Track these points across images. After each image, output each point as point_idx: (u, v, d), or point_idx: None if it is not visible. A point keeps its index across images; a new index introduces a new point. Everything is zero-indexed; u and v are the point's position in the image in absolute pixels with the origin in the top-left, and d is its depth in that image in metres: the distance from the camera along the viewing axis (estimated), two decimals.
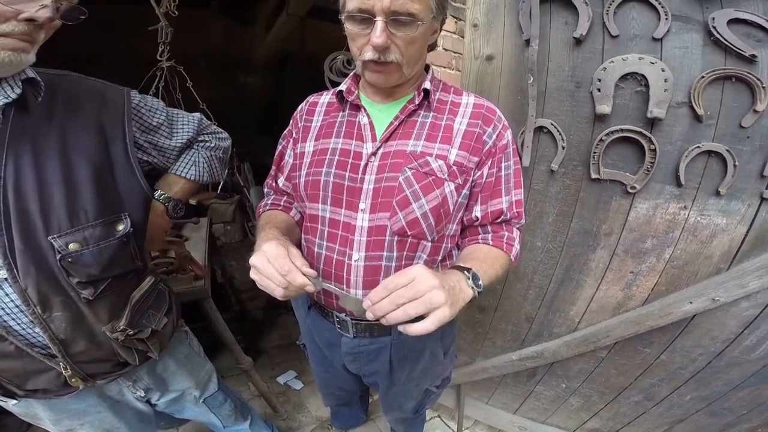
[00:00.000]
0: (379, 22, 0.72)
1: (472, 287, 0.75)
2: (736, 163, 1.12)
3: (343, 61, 1.61)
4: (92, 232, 0.76)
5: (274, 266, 0.69)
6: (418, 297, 0.64)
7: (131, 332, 0.85)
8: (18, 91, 0.68)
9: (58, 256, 0.72)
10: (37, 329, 0.75)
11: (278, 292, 0.70)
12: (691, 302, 1.24)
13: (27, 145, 0.70)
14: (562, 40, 1.27)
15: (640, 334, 1.36)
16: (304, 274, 0.70)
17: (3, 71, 0.64)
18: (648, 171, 1.20)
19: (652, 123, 1.17)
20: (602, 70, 1.20)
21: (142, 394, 0.99)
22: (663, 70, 1.14)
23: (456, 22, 1.54)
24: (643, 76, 1.16)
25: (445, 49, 1.50)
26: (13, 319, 0.74)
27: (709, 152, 1.14)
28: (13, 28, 0.61)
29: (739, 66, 1.10)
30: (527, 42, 1.27)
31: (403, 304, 0.63)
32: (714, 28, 1.10)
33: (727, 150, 1.12)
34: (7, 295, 0.71)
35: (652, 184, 1.22)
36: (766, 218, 1.14)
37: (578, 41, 1.24)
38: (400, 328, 0.66)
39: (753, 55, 1.07)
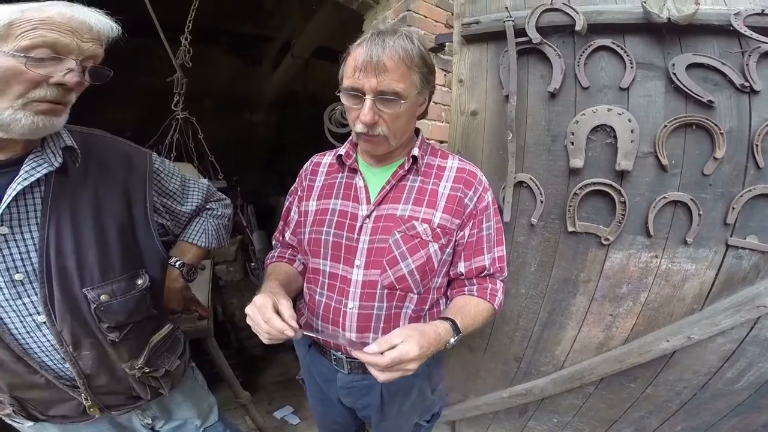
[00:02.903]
0: (368, 101, 0.85)
1: (448, 344, 0.86)
2: (701, 212, 1.20)
3: (341, 111, 1.74)
4: (119, 286, 0.85)
5: (260, 314, 0.79)
6: (400, 370, 0.76)
7: (147, 370, 0.93)
8: (60, 159, 0.76)
9: (93, 306, 0.81)
10: (67, 365, 0.84)
11: (263, 337, 0.79)
12: (668, 340, 1.30)
13: (66, 207, 0.78)
14: (539, 94, 1.38)
15: (623, 371, 1.41)
16: (286, 322, 0.79)
17: (37, 134, 0.70)
18: (620, 223, 1.28)
19: (622, 175, 1.27)
20: (575, 123, 1.30)
21: (149, 422, 1.06)
22: (629, 121, 1.23)
23: (445, 74, 1.67)
24: (612, 127, 1.26)
25: (435, 102, 1.62)
26: (47, 356, 0.82)
27: (675, 202, 1.23)
28: (45, 93, 0.66)
29: (699, 112, 1.18)
30: (507, 97, 1.38)
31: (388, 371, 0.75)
32: (674, 74, 1.19)
33: (692, 199, 1.21)
34: (44, 335, 0.80)
35: (625, 236, 1.30)
36: (733, 263, 1.22)
37: (552, 95, 1.35)
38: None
39: (710, 101, 1.16)
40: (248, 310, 0.82)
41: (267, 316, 0.78)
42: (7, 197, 0.71)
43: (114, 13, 0.75)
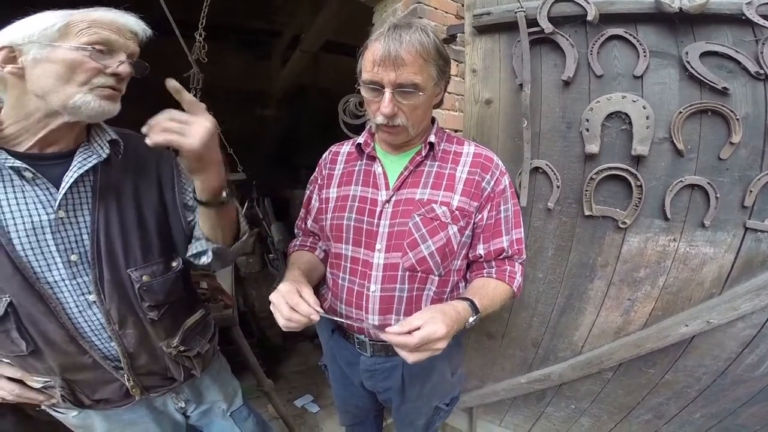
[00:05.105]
0: (387, 93, 0.88)
1: (467, 323, 0.89)
2: (718, 195, 1.21)
3: (355, 103, 1.77)
4: (158, 267, 0.92)
5: (285, 300, 0.83)
6: (429, 349, 0.79)
7: (182, 349, 1.00)
8: (107, 151, 0.84)
9: (137, 285, 0.88)
10: (113, 343, 0.90)
11: (282, 323, 0.83)
12: (686, 325, 1.31)
13: (112, 194, 0.86)
14: (553, 82, 1.40)
15: (642, 356, 1.42)
16: (312, 307, 0.83)
17: (101, 117, 0.78)
18: (636, 206, 1.29)
19: (638, 160, 1.28)
20: (589, 111, 1.31)
21: (182, 405, 1.12)
22: (644, 108, 1.24)
23: (458, 65, 1.68)
24: (627, 114, 1.27)
25: (448, 92, 1.63)
26: (96, 335, 0.88)
27: (692, 186, 1.24)
28: (104, 81, 0.75)
29: (714, 99, 1.19)
30: (521, 86, 1.40)
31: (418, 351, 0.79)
32: (688, 63, 1.19)
33: (709, 183, 1.21)
34: (94, 314, 0.86)
35: (642, 219, 1.31)
36: (752, 246, 1.22)
37: (566, 83, 1.36)
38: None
39: (725, 88, 1.16)
40: (273, 297, 0.86)
41: (294, 301, 0.82)
42: (65, 184, 0.78)
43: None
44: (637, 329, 1.43)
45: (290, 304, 0.82)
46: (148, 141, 0.71)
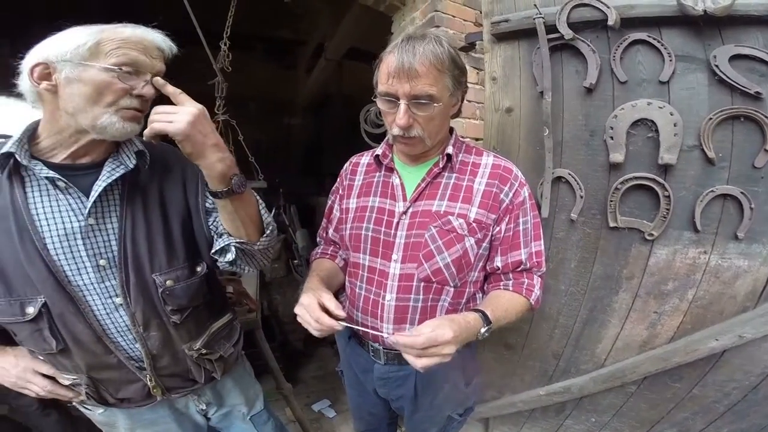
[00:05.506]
0: (402, 105, 0.89)
1: (479, 335, 0.89)
2: (753, 206, 1.15)
3: (376, 112, 1.79)
4: (182, 272, 0.96)
5: (308, 313, 0.86)
6: (436, 355, 0.79)
7: (204, 352, 1.03)
8: (134, 161, 0.88)
9: (160, 290, 0.92)
10: (137, 345, 0.93)
11: (315, 332, 0.87)
12: (717, 339, 1.25)
13: (138, 202, 0.90)
14: (575, 89, 1.36)
15: (668, 370, 1.36)
16: (334, 317, 0.85)
17: (124, 137, 0.83)
18: (664, 218, 1.24)
19: (665, 169, 1.23)
20: (614, 118, 1.28)
21: (204, 407, 1.15)
22: (671, 114, 1.19)
23: (477, 72, 1.67)
24: (653, 121, 1.22)
25: (468, 101, 1.62)
26: (122, 336, 0.92)
27: (724, 196, 1.18)
28: (129, 103, 0.79)
29: (746, 104, 1.13)
30: (542, 94, 1.37)
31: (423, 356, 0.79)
32: (717, 66, 1.14)
33: (742, 192, 1.15)
34: (120, 316, 0.90)
35: (670, 231, 1.26)
36: None
37: (589, 90, 1.32)
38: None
39: (758, 92, 1.10)
40: (297, 310, 0.89)
41: (316, 315, 0.85)
42: (94, 193, 0.83)
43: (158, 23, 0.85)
44: (663, 342, 1.37)
45: (313, 318, 0.85)
46: (144, 136, 0.76)
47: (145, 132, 0.77)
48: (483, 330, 0.89)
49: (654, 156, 1.24)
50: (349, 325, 0.89)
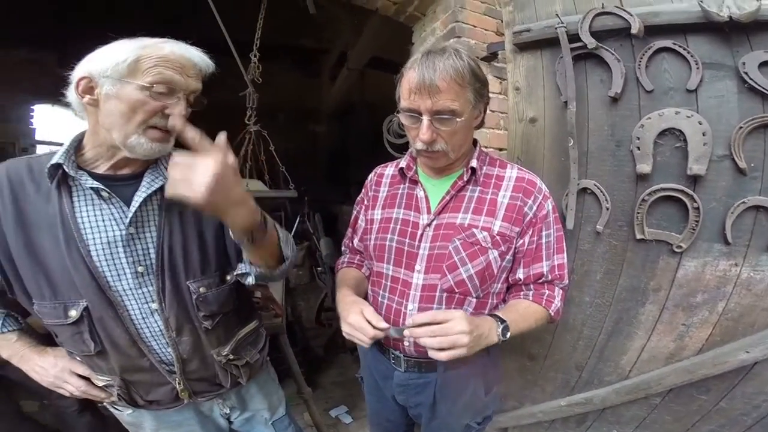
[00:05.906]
0: (425, 120, 0.90)
1: (499, 335, 0.92)
2: None
3: (399, 123, 1.79)
4: (214, 280, 0.99)
5: (360, 332, 0.90)
6: (448, 336, 0.82)
7: (231, 357, 1.05)
8: None
9: (194, 296, 0.95)
10: (169, 349, 0.96)
11: (366, 343, 0.91)
12: (747, 351, 1.21)
13: (176, 212, 0.92)
14: (600, 98, 1.35)
15: (695, 382, 1.33)
16: (379, 328, 0.89)
17: (153, 156, 0.85)
18: (693, 230, 1.21)
19: (694, 179, 1.20)
20: (640, 128, 1.26)
21: (227, 411, 1.18)
22: (700, 123, 1.17)
23: (500, 82, 1.66)
24: (681, 131, 1.20)
25: (492, 111, 1.61)
26: (155, 340, 0.95)
27: (757, 207, 1.15)
28: (158, 121, 0.81)
29: None
30: (566, 104, 1.37)
31: (434, 336, 0.83)
32: (746, 74, 1.11)
33: None
34: (155, 321, 0.93)
35: (699, 243, 1.23)
36: None
37: (614, 99, 1.31)
38: (430, 352, 0.85)
39: None
40: (346, 329, 0.94)
41: (371, 334, 0.89)
42: (135, 203, 0.87)
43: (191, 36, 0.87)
44: (691, 354, 1.33)
45: (368, 337, 0.89)
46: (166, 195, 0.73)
47: (166, 194, 0.72)
48: (499, 330, 0.91)
49: (682, 166, 1.21)
50: (395, 329, 0.92)
